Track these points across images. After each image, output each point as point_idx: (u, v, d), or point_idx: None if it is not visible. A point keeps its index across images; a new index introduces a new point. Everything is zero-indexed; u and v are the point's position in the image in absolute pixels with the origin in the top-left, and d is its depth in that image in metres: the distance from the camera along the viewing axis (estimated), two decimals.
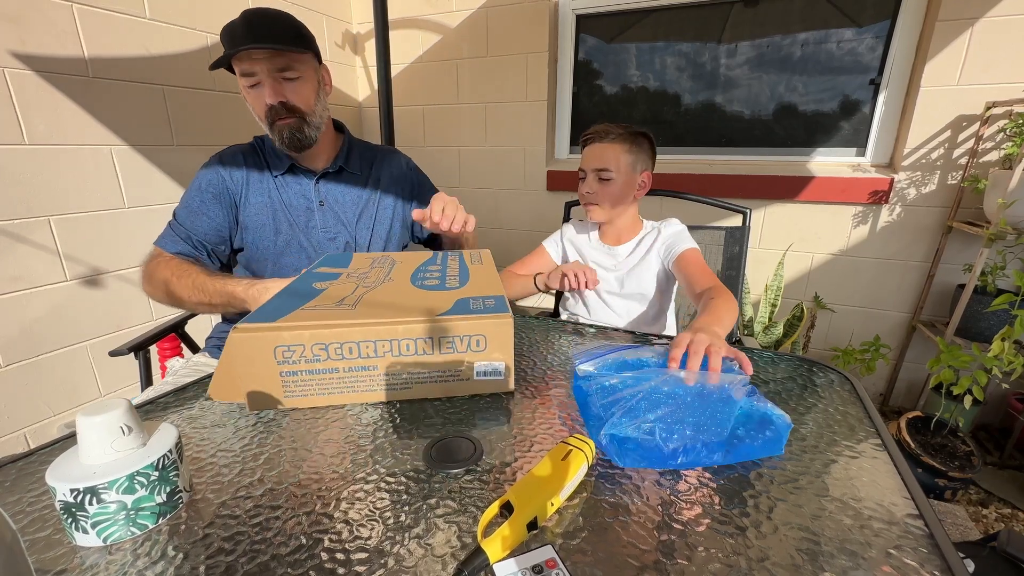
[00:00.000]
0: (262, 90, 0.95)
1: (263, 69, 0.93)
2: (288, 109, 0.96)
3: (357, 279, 0.78)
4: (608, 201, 1.15)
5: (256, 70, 0.93)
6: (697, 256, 1.11)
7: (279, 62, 0.94)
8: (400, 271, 0.83)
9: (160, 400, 0.68)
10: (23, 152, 1.32)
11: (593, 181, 1.14)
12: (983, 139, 1.60)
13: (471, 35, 2.21)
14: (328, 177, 1.08)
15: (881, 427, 0.60)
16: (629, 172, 1.14)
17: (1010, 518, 1.46)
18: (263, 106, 0.96)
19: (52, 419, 1.47)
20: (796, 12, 1.85)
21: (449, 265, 0.86)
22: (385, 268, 0.84)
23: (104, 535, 0.43)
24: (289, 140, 0.98)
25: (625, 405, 0.54)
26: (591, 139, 1.15)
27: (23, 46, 1.30)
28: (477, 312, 0.65)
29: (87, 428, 0.43)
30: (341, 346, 0.61)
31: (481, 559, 0.39)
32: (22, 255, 1.35)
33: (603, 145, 1.13)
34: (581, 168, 1.17)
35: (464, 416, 0.63)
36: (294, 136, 0.98)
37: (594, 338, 0.89)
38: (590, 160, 1.14)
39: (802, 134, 1.96)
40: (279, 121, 0.97)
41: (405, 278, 0.79)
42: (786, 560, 0.40)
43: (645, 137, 1.15)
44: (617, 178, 1.12)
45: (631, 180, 1.15)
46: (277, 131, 0.98)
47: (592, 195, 1.15)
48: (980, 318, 1.58)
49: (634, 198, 1.18)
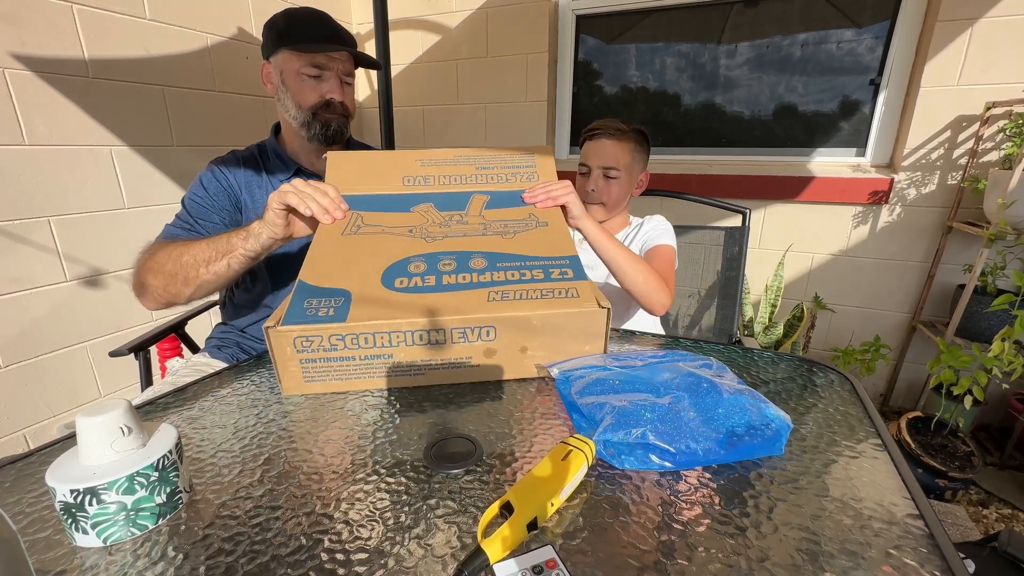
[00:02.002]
0: (322, 84, 0.99)
1: (336, 67, 1.00)
2: (342, 107, 1.03)
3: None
4: (612, 201, 1.13)
5: (331, 67, 0.99)
6: (667, 252, 1.08)
7: (349, 66, 1.03)
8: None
9: (160, 400, 0.68)
10: (23, 153, 1.32)
11: (599, 179, 1.11)
12: (983, 139, 1.61)
13: (471, 35, 2.21)
14: None
15: (881, 427, 0.60)
16: (633, 171, 1.12)
17: (1010, 518, 1.46)
18: (315, 97, 0.99)
19: (52, 420, 1.47)
20: (796, 12, 1.86)
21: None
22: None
23: (104, 536, 0.43)
24: (334, 133, 1.03)
25: (613, 409, 0.54)
26: (598, 134, 1.12)
27: (23, 47, 1.30)
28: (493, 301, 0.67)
29: (87, 429, 0.43)
30: (356, 337, 0.64)
31: (481, 559, 0.39)
32: (22, 256, 1.35)
33: (612, 142, 1.10)
34: (584, 163, 1.14)
35: (464, 416, 0.63)
36: (339, 130, 1.03)
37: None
38: (597, 157, 1.11)
39: (802, 134, 1.96)
40: (329, 115, 1.01)
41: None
42: (786, 560, 0.40)
43: (645, 136, 1.14)
44: (623, 177, 1.10)
45: (633, 180, 1.13)
46: (322, 122, 1.01)
47: (596, 193, 1.12)
48: (980, 318, 1.58)
49: (631, 196, 1.16)
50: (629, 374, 0.63)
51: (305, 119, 1.00)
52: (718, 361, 0.68)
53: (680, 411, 0.54)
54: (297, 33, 0.97)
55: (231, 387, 0.71)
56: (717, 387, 0.58)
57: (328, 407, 0.65)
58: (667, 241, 1.10)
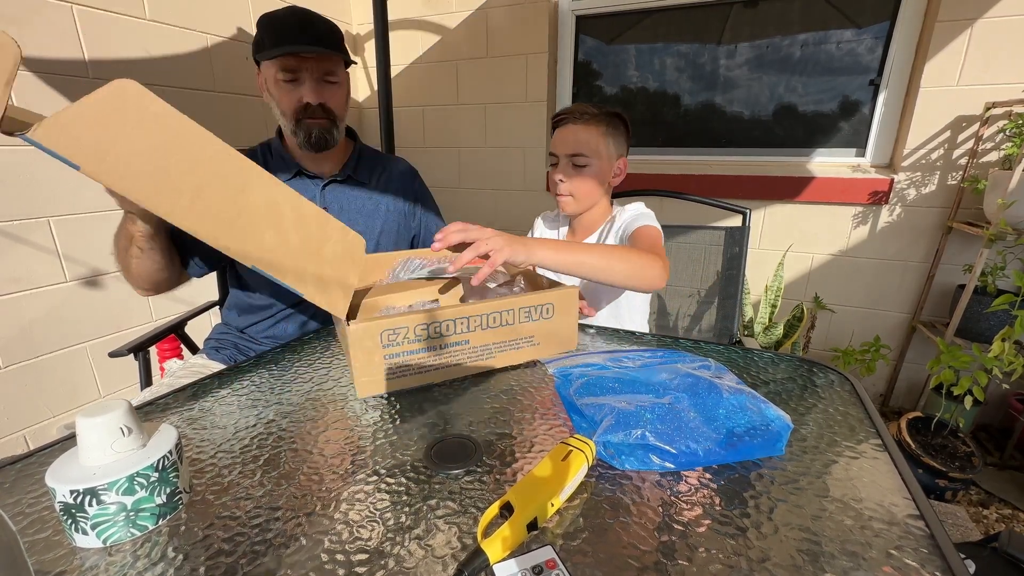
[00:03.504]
0: (300, 88, 0.96)
1: (309, 68, 0.95)
2: (324, 111, 0.98)
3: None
4: (583, 192, 1.05)
5: (302, 68, 0.95)
6: (648, 231, 0.99)
7: (326, 65, 0.97)
8: None
9: (160, 401, 0.68)
10: (23, 153, 1.32)
11: (567, 167, 1.03)
12: (983, 139, 1.61)
13: (471, 36, 2.21)
14: (335, 184, 1.08)
15: (881, 428, 0.60)
16: (606, 158, 1.03)
17: (1011, 519, 1.46)
18: (295, 102, 0.97)
19: (52, 420, 1.47)
20: (796, 13, 1.86)
21: None
22: None
23: (104, 536, 0.43)
24: (316, 140, 0.99)
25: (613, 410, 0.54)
26: (564, 120, 1.04)
27: (23, 48, 1.30)
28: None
29: (87, 429, 0.43)
30: (440, 324, 0.67)
31: (481, 560, 0.39)
32: (22, 256, 1.35)
33: (577, 127, 1.01)
34: (552, 153, 1.06)
35: (464, 417, 0.63)
36: (323, 136, 1.00)
37: (594, 338, 0.88)
38: (563, 144, 1.03)
39: (802, 135, 1.96)
40: (310, 120, 0.98)
41: None
42: (787, 561, 0.40)
43: (621, 119, 1.05)
44: (593, 164, 1.02)
45: (607, 167, 1.04)
46: (305, 128, 0.98)
47: (565, 184, 1.04)
48: (980, 318, 1.57)
49: (608, 186, 1.08)
50: (629, 375, 0.63)
51: (291, 126, 0.98)
52: (716, 362, 0.68)
53: (680, 412, 0.54)
54: (268, 38, 0.94)
55: (231, 387, 0.71)
56: (717, 388, 0.58)
57: (328, 407, 0.65)
58: (646, 223, 1.01)
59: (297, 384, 0.72)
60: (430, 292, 0.84)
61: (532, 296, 0.72)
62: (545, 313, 0.74)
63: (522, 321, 0.72)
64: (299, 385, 0.72)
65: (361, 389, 0.67)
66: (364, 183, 1.11)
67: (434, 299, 0.83)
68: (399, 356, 0.66)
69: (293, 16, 0.94)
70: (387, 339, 0.64)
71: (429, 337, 0.67)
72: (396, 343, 0.65)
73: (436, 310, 0.67)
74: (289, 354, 0.83)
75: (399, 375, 0.67)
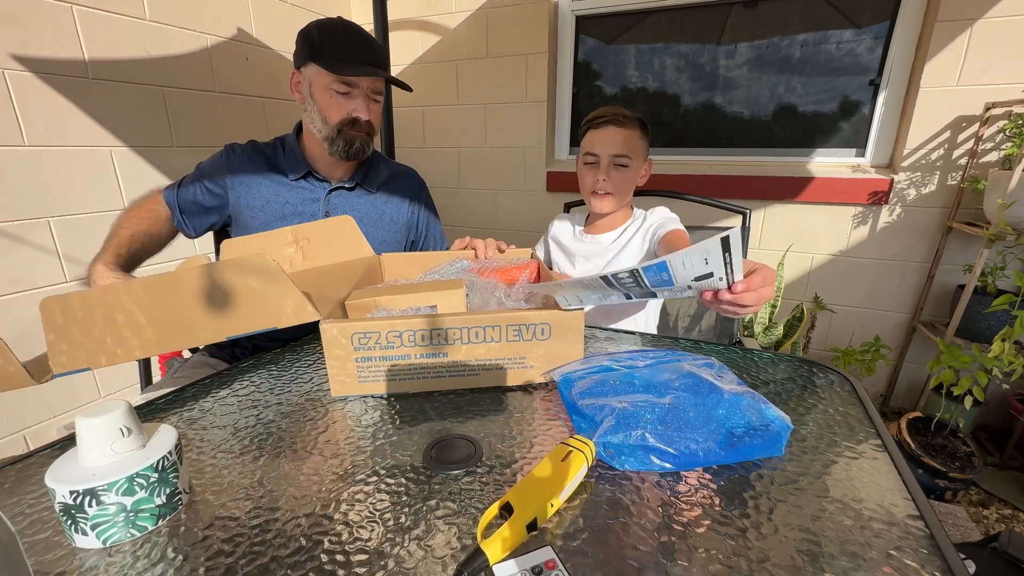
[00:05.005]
0: (351, 101, 0.99)
1: (367, 86, 1.00)
2: (368, 125, 1.03)
3: None
4: (623, 190, 1.09)
5: (361, 85, 0.99)
6: (683, 234, 1.05)
7: (378, 85, 1.03)
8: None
9: (159, 401, 0.68)
10: (23, 153, 1.32)
11: (608, 168, 1.06)
12: (983, 140, 1.61)
13: (471, 36, 2.21)
14: (342, 191, 1.09)
15: (881, 428, 0.60)
16: (641, 160, 1.08)
17: (1011, 519, 1.46)
18: (342, 114, 0.99)
19: (51, 420, 1.47)
20: (795, 13, 1.86)
21: None
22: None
23: (103, 537, 0.43)
24: (356, 150, 1.03)
25: (613, 411, 0.54)
26: (604, 122, 1.06)
27: (23, 48, 1.30)
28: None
29: (86, 430, 0.43)
30: (414, 333, 0.64)
31: (481, 560, 0.39)
32: (22, 256, 1.35)
33: (619, 129, 1.05)
34: (591, 153, 1.08)
35: (464, 417, 0.63)
36: (362, 148, 1.04)
37: (594, 338, 0.88)
38: (608, 144, 1.06)
39: (802, 135, 1.96)
40: (353, 131, 1.00)
41: None
42: (787, 561, 0.40)
43: (645, 125, 1.11)
44: (631, 165, 1.06)
45: (639, 168, 1.09)
46: (346, 138, 1.00)
47: (607, 183, 1.07)
48: (980, 318, 1.57)
49: (636, 187, 1.13)
50: (629, 375, 0.63)
51: (330, 134, 1.00)
52: (719, 361, 0.68)
53: (680, 412, 0.54)
54: (330, 50, 0.95)
55: (231, 388, 0.71)
56: (717, 388, 0.58)
57: (328, 408, 0.65)
58: (678, 226, 1.07)
59: (297, 384, 0.72)
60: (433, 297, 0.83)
61: (525, 314, 0.66)
62: (540, 334, 0.67)
63: (511, 340, 0.66)
64: (299, 385, 0.72)
65: (335, 387, 0.67)
66: (370, 192, 1.12)
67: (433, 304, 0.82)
68: (372, 360, 0.65)
69: (354, 34, 0.98)
70: (357, 342, 0.64)
71: (403, 345, 0.65)
72: (367, 347, 0.64)
73: (411, 318, 0.65)
74: (289, 354, 0.83)
75: (372, 379, 0.67)
